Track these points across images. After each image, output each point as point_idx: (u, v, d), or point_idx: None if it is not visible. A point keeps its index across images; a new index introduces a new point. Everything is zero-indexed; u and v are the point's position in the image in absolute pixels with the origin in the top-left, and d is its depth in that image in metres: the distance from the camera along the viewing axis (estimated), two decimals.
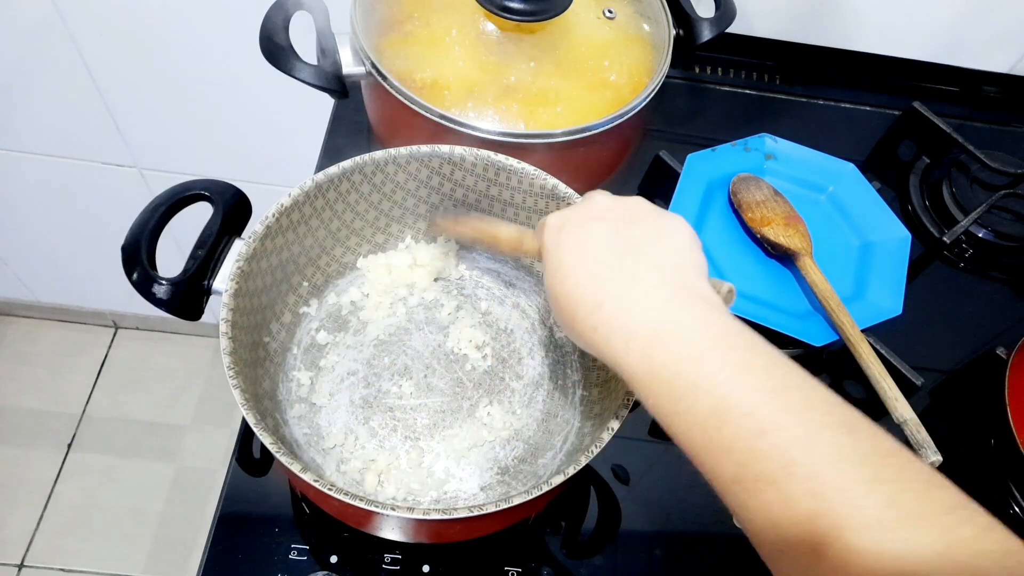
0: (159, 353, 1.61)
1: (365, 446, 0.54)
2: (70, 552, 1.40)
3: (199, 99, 1.01)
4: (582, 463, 0.44)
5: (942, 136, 0.76)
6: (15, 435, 1.50)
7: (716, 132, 0.76)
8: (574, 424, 0.56)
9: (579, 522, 0.58)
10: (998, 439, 0.62)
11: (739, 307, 0.59)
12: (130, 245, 0.48)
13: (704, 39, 0.67)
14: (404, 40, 0.61)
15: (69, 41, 0.93)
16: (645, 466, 0.60)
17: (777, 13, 0.81)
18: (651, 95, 0.61)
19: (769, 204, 0.65)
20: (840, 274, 0.64)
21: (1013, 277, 0.74)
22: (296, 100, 0.90)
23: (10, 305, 1.58)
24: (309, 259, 0.58)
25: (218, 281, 0.50)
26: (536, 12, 0.58)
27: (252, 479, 0.57)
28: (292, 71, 0.58)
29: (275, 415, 0.53)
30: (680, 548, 0.57)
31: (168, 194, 0.51)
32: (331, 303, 0.60)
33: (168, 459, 1.50)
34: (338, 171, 0.54)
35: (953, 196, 0.75)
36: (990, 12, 0.80)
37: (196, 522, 1.44)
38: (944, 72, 0.85)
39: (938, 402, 0.65)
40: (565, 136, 0.58)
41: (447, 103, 0.58)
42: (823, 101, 0.84)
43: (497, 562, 0.55)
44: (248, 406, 0.44)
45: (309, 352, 0.58)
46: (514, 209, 0.59)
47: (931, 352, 0.68)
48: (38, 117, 1.07)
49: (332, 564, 0.53)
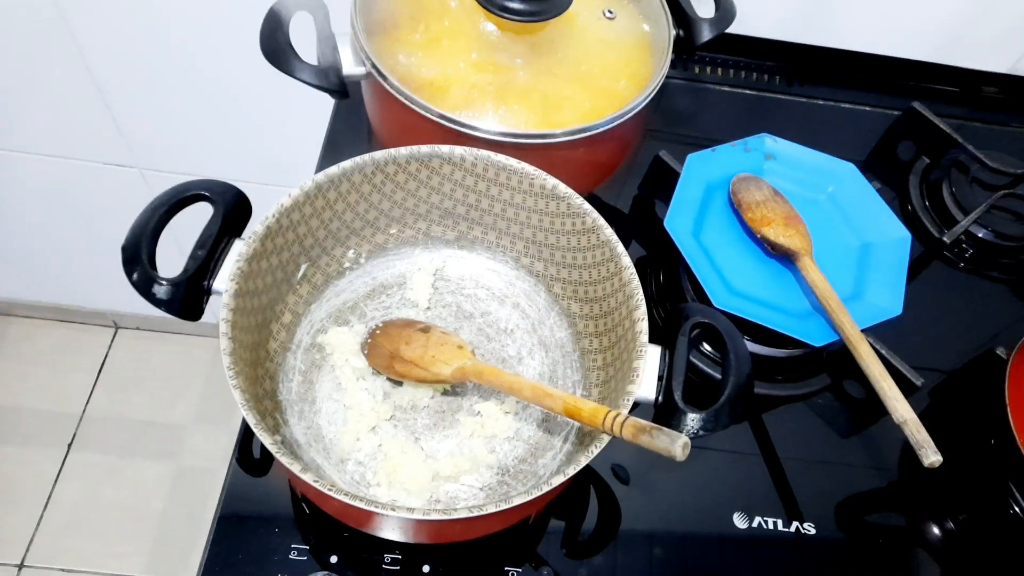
0: (159, 353, 1.61)
1: (365, 446, 0.54)
2: (70, 552, 1.40)
3: (199, 99, 1.01)
4: (582, 463, 0.44)
5: (942, 136, 0.76)
6: (15, 435, 1.50)
7: (716, 132, 0.76)
8: (574, 424, 0.56)
9: (579, 522, 0.58)
10: (998, 439, 0.62)
11: (739, 307, 0.59)
12: (130, 245, 0.48)
13: (704, 39, 0.67)
14: (404, 40, 0.61)
15: (69, 41, 0.93)
16: (645, 466, 0.61)
17: (777, 13, 0.81)
18: (651, 95, 0.61)
19: (769, 204, 0.65)
20: (840, 274, 0.64)
21: (1013, 277, 0.74)
22: (296, 100, 0.90)
23: (10, 305, 1.58)
24: (309, 259, 0.58)
25: (218, 281, 0.50)
26: (536, 12, 0.58)
27: (252, 479, 0.57)
28: (292, 71, 0.58)
29: (275, 415, 0.53)
30: (680, 548, 0.57)
31: (168, 194, 0.51)
32: (331, 303, 0.60)
33: (168, 459, 1.50)
34: (338, 171, 0.54)
35: (953, 196, 0.75)
36: (990, 12, 0.80)
37: (196, 522, 1.44)
38: (944, 72, 0.85)
39: (938, 402, 0.65)
40: (565, 136, 0.58)
41: (447, 103, 0.58)
42: (823, 101, 0.84)
43: (497, 562, 0.55)
44: (248, 406, 0.44)
45: (309, 352, 0.58)
46: (514, 209, 0.59)
47: (931, 352, 0.68)
48: (38, 117, 1.07)
49: (332, 564, 0.53)
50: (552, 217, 0.57)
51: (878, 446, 0.64)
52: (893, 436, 0.63)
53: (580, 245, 0.56)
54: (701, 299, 0.63)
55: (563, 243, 0.58)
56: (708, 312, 0.51)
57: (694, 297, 0.65)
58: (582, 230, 0.56)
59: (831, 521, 0.59)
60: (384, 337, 0.56)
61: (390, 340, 0.55)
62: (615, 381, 0.52)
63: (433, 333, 0.55)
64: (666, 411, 0.47)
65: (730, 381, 0.48)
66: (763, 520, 0.59)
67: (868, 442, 0.64)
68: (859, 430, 0.64)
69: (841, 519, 0.60)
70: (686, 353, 0.49)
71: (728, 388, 0.48)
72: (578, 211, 0.55)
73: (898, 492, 0.62)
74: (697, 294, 0.65)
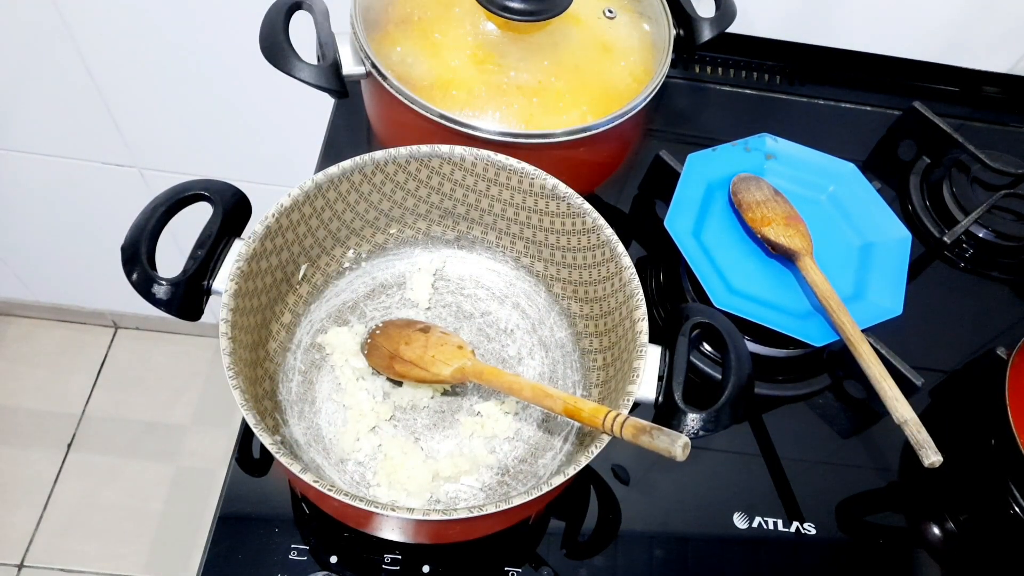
0: (159, 353, 1.61)
1: (365, 446, 0.54)
2: (70, 552, 1.40)
3: (199, 99, 1.01)
4: (582, 463, 0.44)
5: (942, 136, 0.76)
6: (15, 435, 1.50)
7: (716, 132, 0.76)
8: (574, 424, 0.56)
9: (579, 522, 0.58)
10: (998, 439, 0.62)
11: (740, 307, 0.59)
12: (130, 245, 0.48)
13: (704, 39, 0.67)
14: (404, 40, 0.61)
15: (69, 41, 0.93)
16: (645, 466, 0.60)
17: (777, 13, 0.81)
18: (651, 95, 0.61)
19: (769, 204, 0.65)
20: (840, 274, 0.64)
21: (1013, 277, 0.74)
22: (296, 100, 0.90)
23: (10, 305, 1.58)
24: (309, 259, 0.58)
25: (218, 281, 0.50)
26: (536, 12, 0.58)
27: (252, 479, 0.57)
28: (292, 71, 0.58)
29: (275, 415, 0.53)
30: (680, 548, 0.57)
31: (168, 194, 0.51)
32: (331, 303, 0.60)
33: (168, 459, 1.50)
34: (338, 171, 0.54)
35: (953, 196, 0.75)
36: (990, 12, 0.80)
37: (196, 522, 1.44)
38: (944, 72, 0.85)
39: (938, 402, 0.65)
40: (565, 136, 0.58)
41: (447, 103, 0.58)
42: (823, 101, 0.84)
43: (497, 562, 0.55)
44: (248, 406, 0.44)
45: (309, 352, 0.58)
46: (514, 209, 0.59)
47: (931, 352, 0.68)
48: (38, 117, 1.07)
49: (332, 564, 0.53)
50: (552, 217, 0.57)
51: (878, 446, 0.64)
52: (893, 436, 0.63)
53: (580, 245, 0.56)
54: (701, 299, 0.63)
55: (563, 243, 0.58)
56: (708, 312, 0.51)
57: (694, 297, 0.65)
58: (582, 230, 0.56)
59: (831, 521, 0.59)
60: (384, 337, 0.56)
61: (390, 340, 0.55)
62: (615, 381, 0.52)
63: (433, 333, 0.55)
64: (666, 411, 0.47)
65: (730, 381, 0.48)
66: (763, 520, 0.59)
67: (868, 442, 0.64)
68: (859, 430, 0.64)
69: (841, 519, 0.60)
70: (686, 353, 0.49)
71: (728, 388, 0.48)
72: (578, 211, 0.55)
73: (898, 492, 0.62)
74: (697, 294, 0.65)
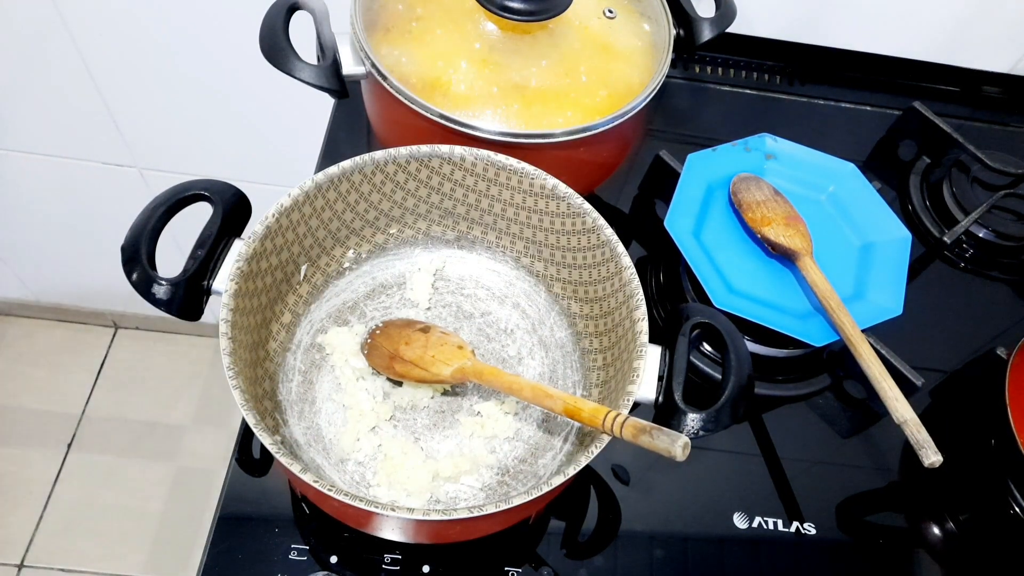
0: (159, 353, 1.61)
1: (365, 446, 0.54)
2: (70, 552, 1.40)
3: (199, 99, 1.01)
4: (582, 463, 0.44)
5: (942, 136, 0.76)
6: (15, 435, 1.50)
7: (716, 132, 0.76)
8: (574, 424, 0.56)
9: (579, 522, 0.58)
10: (998, 439, 0.62)
11: (740, 307, 0.59)
12: (130, 245, 0.48)
13: (704, 39, 0.67)
14: (404, 40, 0.61)
15: (69, 41, 0.93)
16: (645, 466, 0.60)
17: (777, 13, 0.81)
18: (651, 95, 0.61)
19: (769, 204, 0.65)
20: (840, 274, 0.64)
21: (1013, 277, 0.74)
22: (296, 100, 0.90)
23: (10, 305, 1.58)
24: (309, 259, 0.58)
25: (218, 281, 0.50)
26: (536, 12, 0.58)
27: (252, 479, 0.57)
28: (292, 71, 0.58)
29: (275, 415, 0.53)
30: (680, 548, 0.57)
31: (168, 194, 0.51)
32: (331, 303, 0.60)
33: (168, 459, 1.50)
34: (338, 171, 0.54)
35: (953, 196, 0.75)
36: (990, 12, 0.80)
37: (196, 522, 1.44)
38: (944, 72, 0.85)
39: (938, 402, 0.65)
40: (565, 136, 0.58)
41: (447, 103, 0.58)
42: (823, 101, 0.84)
43: (497, 562, 0.55)
44: (248, 406, 0.44)
45: (309, 352, 0.58)
46: (514, 209, 0.59)
47: (931, 352, 0.68)
48: (38, 117, 1.07)
49: (332, 564, 0.53)
50: (552, 217, 0.57)
51: (878, 446, 0.64)
52: (893, 436, 0.63)
53: (580, 245, 0.56)
54: (701, 299, 0.63)
55: (563, 243, 0.58)
56: (708, 312, 0.51)
57: (694, 297, 0.65)
58: (582, 230, 0.56)
59: (831, 521, 0.59)
60: (384, 337, 0.56)
61: (390, 340, 0.55)
62: (615, 381, 0.52)
63: (433, 333, 0.55)
64: (666, 411, 0.47)
65: (730, 381, 0.48)
66: (763, 520, 0.59)
67: (868, 442, 0.64)
68: (859, 430, 0.64)
69: (841, 519, 0.60)
70: (686, 353, 0.49)
71: (728, 388, 0.48)
72: (578, 211, 0.55)
73: (898, 492, 0.62)
74: (697, 294, 0.65)
